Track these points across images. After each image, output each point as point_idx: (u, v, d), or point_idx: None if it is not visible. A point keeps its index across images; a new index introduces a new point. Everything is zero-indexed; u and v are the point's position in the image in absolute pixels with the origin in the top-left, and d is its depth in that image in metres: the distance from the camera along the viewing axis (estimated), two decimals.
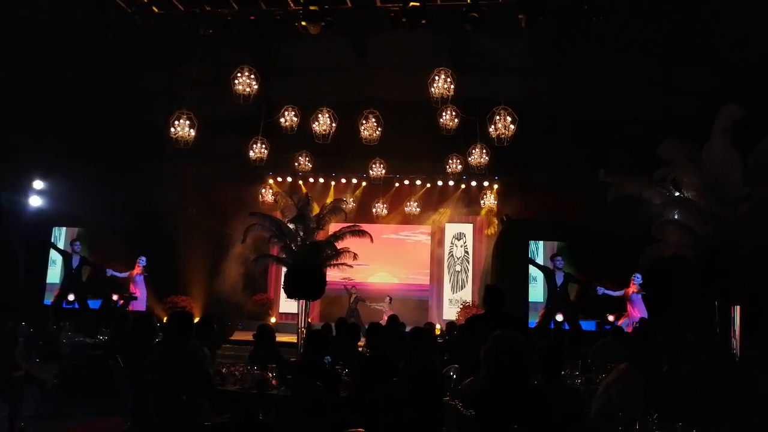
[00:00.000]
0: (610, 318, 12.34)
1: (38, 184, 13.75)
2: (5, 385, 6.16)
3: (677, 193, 8.76)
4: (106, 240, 14.34)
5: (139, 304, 13.64)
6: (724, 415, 3.81)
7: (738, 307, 8.11)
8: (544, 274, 13.07)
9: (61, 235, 14.87)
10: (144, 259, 13.86)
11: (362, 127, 11.79)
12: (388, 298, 15.21)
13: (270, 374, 5.45)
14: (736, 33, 10.46)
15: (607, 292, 12.46)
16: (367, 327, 6.07)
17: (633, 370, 4.29)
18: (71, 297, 13.28)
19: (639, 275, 12.03)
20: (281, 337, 11.34)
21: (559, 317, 12.43)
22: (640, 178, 8.88)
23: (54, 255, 14.49)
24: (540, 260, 13.50)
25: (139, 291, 13.79)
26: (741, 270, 7.70)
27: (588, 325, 12.73)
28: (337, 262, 12.56)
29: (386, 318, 14.22)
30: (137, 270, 13.83)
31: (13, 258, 13.34)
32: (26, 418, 6.37)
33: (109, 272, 13.77)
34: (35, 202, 13.70)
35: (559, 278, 12.79)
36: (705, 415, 3.82)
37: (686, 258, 8.51)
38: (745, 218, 7.80)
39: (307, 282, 11.71)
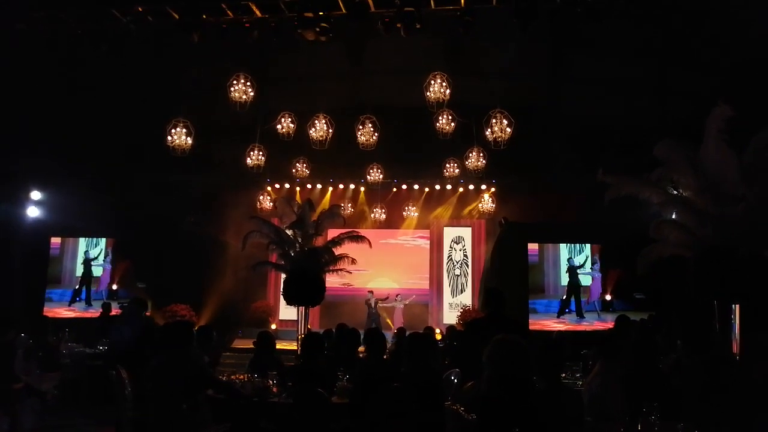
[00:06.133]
0: None
1: (36, 195, 13.72)
2: (5, 397, 6.14)
3: (675, 192, 8.78)
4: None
5: None
6: (724, 413, 3.82)
7: (737, 306, 8.11)
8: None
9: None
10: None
11: (359, 133, 11.78)
12: (397, 295, 15.31)
13: (271, 382, 5.44)
14: (728, 35, 10.50)
15: None
16: (363, 333, 6.03)
17: (608, 364, 4.49)
18: None
19: None
20: (282, 344, 11.33)
21: None
22: (638, 178, 8.90)
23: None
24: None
25: None
26: (739, 270, 7.71)
27: None
28: (336, 268, 12.55)
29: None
30: None
31: (12, 269, 13.28)
32: (26, 431, 6.35)
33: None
34: (33, 212, 13.67)
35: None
36: (706, 414, 3.83)
37: (685, 258, 8.51)
38: (742, 217, 7.82)
39: (306, 288, 11.69)
